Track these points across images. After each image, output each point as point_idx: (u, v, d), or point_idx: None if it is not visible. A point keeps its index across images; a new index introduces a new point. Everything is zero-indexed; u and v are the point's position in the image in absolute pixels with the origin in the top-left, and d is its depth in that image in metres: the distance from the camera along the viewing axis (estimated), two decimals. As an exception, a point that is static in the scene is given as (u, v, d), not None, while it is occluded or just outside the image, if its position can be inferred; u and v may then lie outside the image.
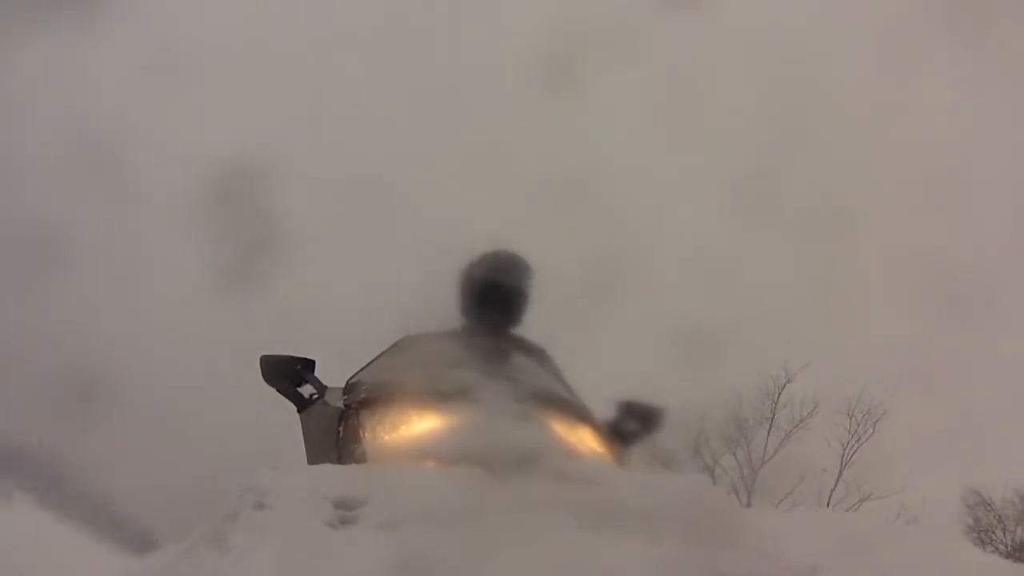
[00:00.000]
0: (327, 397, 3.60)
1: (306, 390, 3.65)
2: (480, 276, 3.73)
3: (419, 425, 3.29)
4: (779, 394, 13.56)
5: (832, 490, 13.08)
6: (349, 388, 3.55)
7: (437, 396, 3.28)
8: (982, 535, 13.92)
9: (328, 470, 3.10)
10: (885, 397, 13.20)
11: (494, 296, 3.70)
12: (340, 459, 3.36)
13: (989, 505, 14.48)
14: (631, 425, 3.74)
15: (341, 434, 3.41)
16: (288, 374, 3.68)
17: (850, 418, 13.77)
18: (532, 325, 3.86)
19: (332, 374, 3.68)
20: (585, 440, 3.44)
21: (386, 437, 3.30)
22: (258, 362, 3.72)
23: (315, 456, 3.57)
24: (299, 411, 3.70)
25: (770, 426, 13.44)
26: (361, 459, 3.28)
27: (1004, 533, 14.57)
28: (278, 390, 3.70)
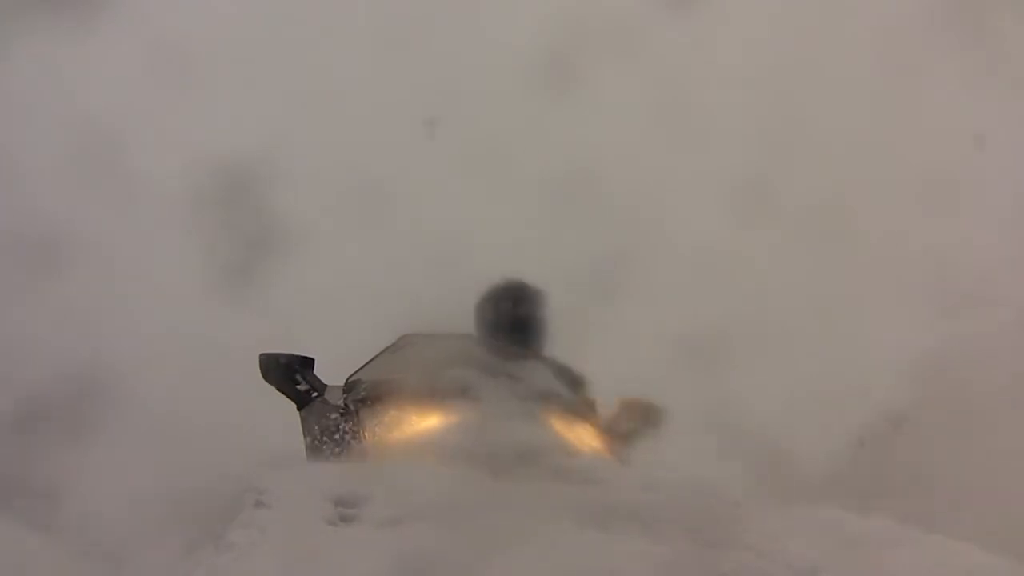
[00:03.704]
0: (327, 395, 3.61)
1: (305, 388, 3.66)
2: (493, 315, 3.76)
3: (419, 423, 3.30)
4: None
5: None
6: (349, 386, 3.55)
7: (437, 394, 3.28)
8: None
9: (328, 468, 3.10)
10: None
11: (511, 330, 3.72)
12: (340, 457, 3.36)
13: None
14: (631, 423, 3.75)
15: (341, 432, 3.42)
16: (288, 373, 3.68)
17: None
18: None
19: (332, 373, 3.69)
20: (585, 438, 3.44)
21: (386, 435, 3.31)
22: (257, 361, 3.73)
23: (315, 454, 3.58)
24: (299, 409, 3.71)
25: None
26: (361, 457, 3.29)
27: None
28: (278, 388, 3.70)
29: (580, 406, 3.62)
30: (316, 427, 3.60)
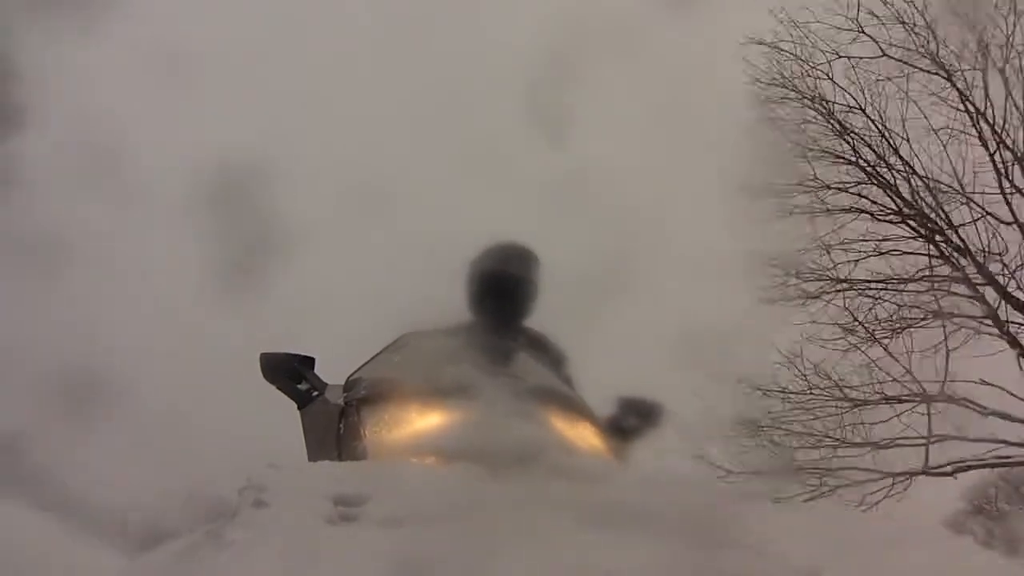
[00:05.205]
0: (327, 394, 3.60)
1: (306, 387, 3.66)
2: (485, 268, 3.73)
3: (419, 422, 3.29)
4: None
5: None
6: (349, 385, 3.54)
7: (437, 393, 3.28)
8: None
9: (328, 467, 3.09)
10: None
11: (500, 287, 3.69)
12: (340, 456, 3.36)
13: None
14: (631, 421, 3.74)
15: (341, 431, 3.42)
16: (288, 372, 3.68)
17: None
18: (534, 324, 3.86)
19: (332, 372, 3.69)
20: (585, 436, 3.44)
21: (386, 434, 3.30)
22: (258, 360, 3.73)
23: (315, 453, 3.58)
24: (299, 409, 3.71)
25: None
26: (362, 456, 3.28)
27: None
28: (278, 388, 3.70)
29: (580, 403, 3.62)
30: (317, 426, 3.60)
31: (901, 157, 11.29)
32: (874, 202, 11.37)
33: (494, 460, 2.87)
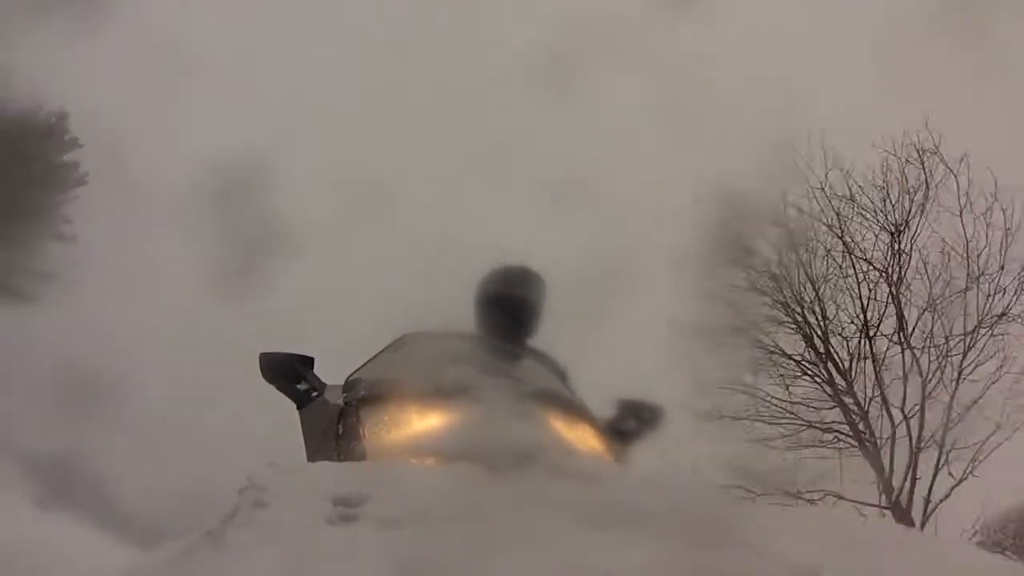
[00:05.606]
0: (327, 394, 3.60)
1: (305, 387, 3.65)
2: (491, 290, 3.76)
3: (419, 422, 3.29)
4: None
5: None
6: (349, 385, 3.54)
7: (437, 393, 3.28)
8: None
9: (328, 468, 3.09)
10: None
11: (506, 308, 3.72)
12: (340, 456, 3.35)
13: None
14: (631, 424, 3.75)
15: (341, 431, 3.41)
16: (287, 372, 3.68)
17: None
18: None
19: (332, 372, 3.69)
20: (585, 438, 3.44)
21: (386, 434, 3.30)
22: (258, 360, 3.73)
23: (315, 454, 3.57)
24: (299, 409, 3.70)
25: None
26: (361, 456, 3.28)
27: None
28: (278, 388, 3.70)
29: (580, 406, 3.62)
30: (316, 426, 3.59)
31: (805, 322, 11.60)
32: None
33: (494, 461, 2.87)
